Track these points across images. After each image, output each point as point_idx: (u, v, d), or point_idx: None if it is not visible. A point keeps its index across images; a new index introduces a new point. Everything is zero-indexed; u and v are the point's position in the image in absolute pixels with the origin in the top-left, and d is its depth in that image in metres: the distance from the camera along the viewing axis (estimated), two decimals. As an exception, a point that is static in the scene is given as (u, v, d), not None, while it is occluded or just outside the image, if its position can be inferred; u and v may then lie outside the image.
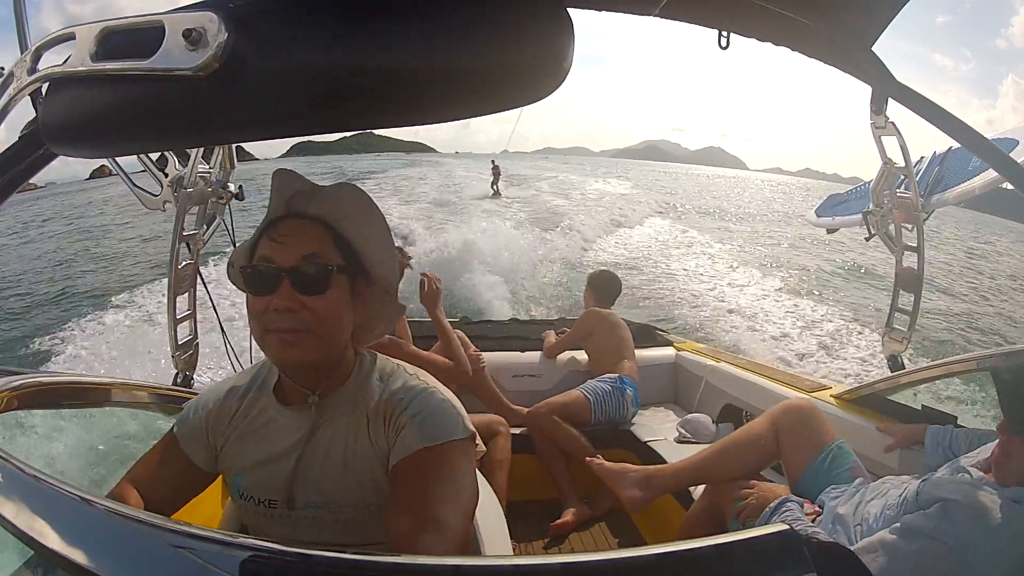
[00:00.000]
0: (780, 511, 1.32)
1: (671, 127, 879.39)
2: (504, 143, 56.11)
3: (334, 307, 0.76)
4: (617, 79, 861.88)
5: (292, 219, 0.79)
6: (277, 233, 0.77)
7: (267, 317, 0.74)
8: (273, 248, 0.76)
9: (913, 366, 1.93)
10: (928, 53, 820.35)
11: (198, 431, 0.86)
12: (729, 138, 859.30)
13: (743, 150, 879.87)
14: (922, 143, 1.92)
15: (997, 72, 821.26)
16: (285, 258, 0.75)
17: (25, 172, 0.73)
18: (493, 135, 46.46)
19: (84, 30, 0.48)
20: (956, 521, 0.98)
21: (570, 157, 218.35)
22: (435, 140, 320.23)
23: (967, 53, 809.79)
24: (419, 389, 0.82)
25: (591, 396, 2.42)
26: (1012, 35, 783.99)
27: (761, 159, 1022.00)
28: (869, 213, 1.94)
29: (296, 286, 0.74)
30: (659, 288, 9.51)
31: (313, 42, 0.44)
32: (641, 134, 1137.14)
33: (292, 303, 0.73)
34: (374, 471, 0.80)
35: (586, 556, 0.41)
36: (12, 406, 1.01)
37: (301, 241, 0.76)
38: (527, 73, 0.47)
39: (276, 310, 0.73)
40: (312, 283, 0.74)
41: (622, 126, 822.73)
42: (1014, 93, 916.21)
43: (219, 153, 1.73)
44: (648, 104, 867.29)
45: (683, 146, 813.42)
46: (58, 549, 0.40)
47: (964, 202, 1.73)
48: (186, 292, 1.78)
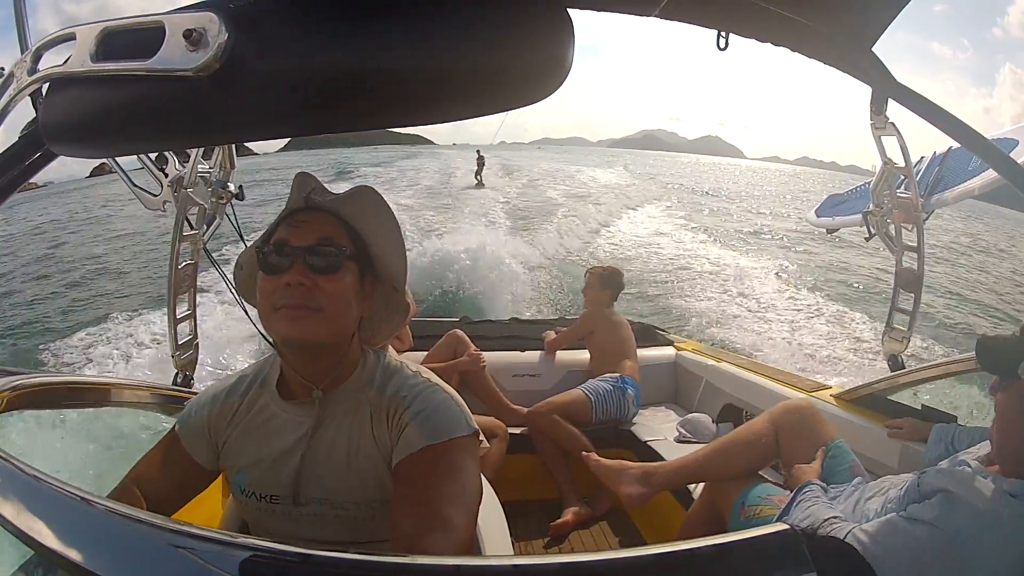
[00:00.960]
0: (803, 491, 1.31)
1: (668, 116, 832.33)
2: (502, 134, 55.77)
3: (343, 289, 0.79)
4: (615, 69, 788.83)
5: (310, 210, 0.83)
6: (294, 220, 0.81)
7: (278, 294, 0.76)
8: (289, 230, 0.80)
9: (913, 366, 1.93)
10: (926, 42, 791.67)
11: (200, 429, 0.86)
12: (727, 127, 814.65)
13: (740, 139, 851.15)
14: (922, 143, 1.93)
15: (995, 61, 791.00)
16: (300, 240, 0.78)
17: (25, 172, 0.73)
18: (491, 126, 47.46)
19: (84, 30, 0.48)
20: (957, 511, 0.98)
21: (568, 147, 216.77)
22: (433, 132, 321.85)
23: (964, 42, 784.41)
24: (422, 386, 0.82)
25: (592, 395, 2.42)
26: (1008, 24, 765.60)
27: (758, 148, 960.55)
28: (869, 213, 1.94)
29: (308, 265, 0.76)
30: (658, 282, 9.50)
31: (313, 42, 0.44)
32: (639, 124, 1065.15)
33: (304, 279, 0.75)
34: (377, 468, 0.80)
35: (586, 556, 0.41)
36: (12, 406, 1.01)
37: (316, 227, 0.80)
38: (527, 73, 0.47)
39: (288, 285, 0.75)
40: (324, 263, 0.77)
41: (620, 116, 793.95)
42: (1011, 82, 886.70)
43: (219, 153, 1.73)
44: (646, 94, 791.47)
45: (680, 135, 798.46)
46: (58, 549, 0.40)
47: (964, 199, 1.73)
48: (186, 292, 1.78)
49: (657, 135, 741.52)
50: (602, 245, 12.33)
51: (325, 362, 0.82)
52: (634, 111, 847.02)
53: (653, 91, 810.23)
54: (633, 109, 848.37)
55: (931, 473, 1.13)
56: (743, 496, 1.48)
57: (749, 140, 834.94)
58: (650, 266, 10.58)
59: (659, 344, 3.02)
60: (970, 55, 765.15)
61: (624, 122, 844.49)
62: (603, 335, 2.67)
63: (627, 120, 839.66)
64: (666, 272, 10.19)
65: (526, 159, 40.91)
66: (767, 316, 7.65)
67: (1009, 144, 1.59)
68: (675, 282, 9.49)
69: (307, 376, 0.82)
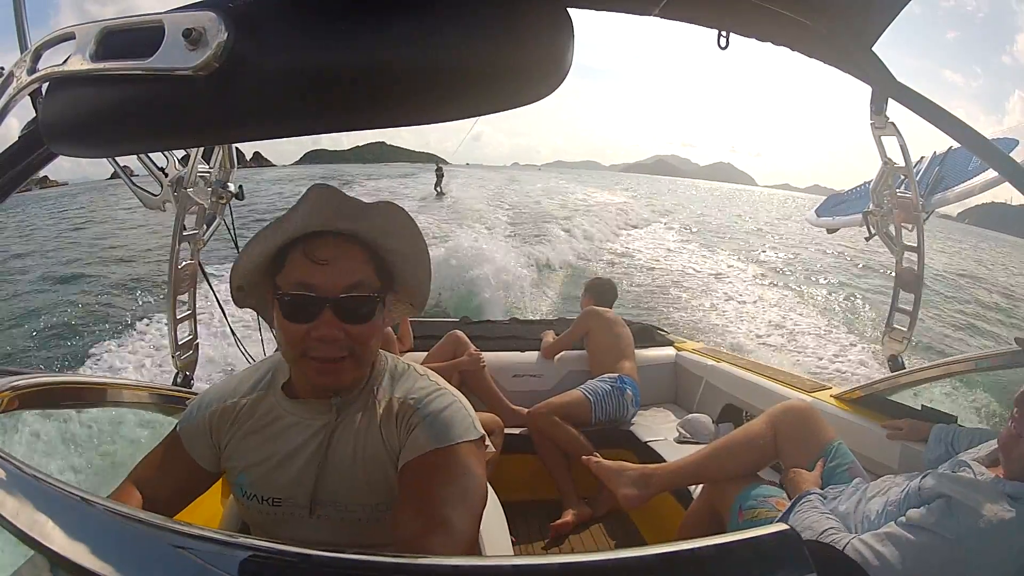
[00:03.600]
0: (801, 501, 1.31)
1: (682, 142, 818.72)
2: (516, 156, 55.08)
3: (375, 333, 0.77)
4: (628, 93, 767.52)
5: (332, 237, 0.74)
6: (317, 254, 0.73)
7: (306, 344, 0.73)
8: (313, 272, 0.73)
9: (913, 366, 1.93)
10: (939, 69, 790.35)
11: (201, 430, 0.86)
12: (739, 154, 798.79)
13: (752, 166, 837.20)
14: (922, 143, 1.93)
15: (1004, 88, 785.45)
16: (328, 286, 0.72)
17: (25, 172, 0.73)
18: (504, 148, 46.52)
19: (84, 30, 0.48)
20: (958, 516, 0.98)
21: (580, 171, 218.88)
22: (446, 152, 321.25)
23: (977, 69, 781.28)
24: (431, 390, 0.82)
25: (591, 396, 2.42)
26: (1017, 52, 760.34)
27: (770, 175, 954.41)
28: (869, 213, 1.94)
29: (340, 315, 0.73)
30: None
31: (312, 42, 0.44)
32: (651, 148, 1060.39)
33: (336, 332, 0.72)
34: (385, 471, 0.80)
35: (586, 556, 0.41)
36: (12, 406, 1.01)
37: (345, 268, 0.74)
38: (527, 72, 0.47)
39: (318, 339, 0.72)
40: (356, 314, 0.74)
41: (632, 140, 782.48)
42: (1020, 110, 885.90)
43: (219, 153, 1.73)
44: (659, 119, 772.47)
45: (693, 161, 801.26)
46: (58, 549, 0.40)
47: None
48: (186, 292, 1.78)
49: (669, 161, 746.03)
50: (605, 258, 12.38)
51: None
52: (647, 136, 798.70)
53: (666, 116, 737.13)
54: (646, 134, 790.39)
55: (931, 477, 1.13)
56: (740, 499, 1.48)
57: (761, 167, 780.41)
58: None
59: (659, 344, 3.02)
60: (982, 83, 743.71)
61: (637, 147, 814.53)
62: (600, 335, 2.67)
63: (640, 145, 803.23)
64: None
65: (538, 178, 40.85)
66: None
67: (1009, 144, 1.59)
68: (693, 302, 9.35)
69: (326, 396, 0.82)
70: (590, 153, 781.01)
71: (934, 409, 1.71)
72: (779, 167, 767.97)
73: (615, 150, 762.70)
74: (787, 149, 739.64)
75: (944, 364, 1.75)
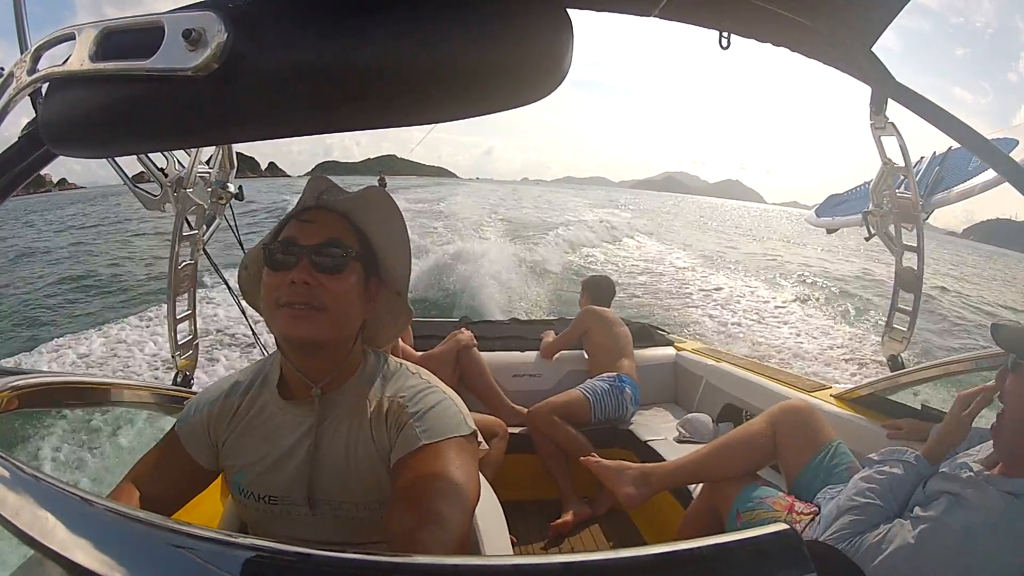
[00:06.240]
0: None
1: (692, 159, 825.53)
2: (527, 171, 54.51)
3: (347, 289, 0.79)
4: (640, 110, 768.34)
5: (319, 209, 0.84)
6: (303, 216, 0.82)
7: (282, 291, 0.77)
8: (297, 228, 0.81)
9: (913, 366, 1.93)
10: (949, 86, 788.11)
11: (199, 429, 0.86)
12: (748, 171, 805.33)
13: (761, 183, 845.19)
14: (922, 143, 1.93)
15: (1011, 104, 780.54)
16: (308, 239, 0.79)
17: (25, 172, 0.73)
18: (515, 163, 46.29)
19: (84, 30, 0.48)
20: (959, 514, 0.99)
21: (589, 187, 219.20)
22: (456, 166, 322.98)
23: (986, 86, 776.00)
24: (420, 388, 0.83)
25: (590, 395, 2.42)
26: (1022, 68, 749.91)
27: (779, 192, 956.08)
28: (869, 213, 1.94)
29: (314, 264, 0.77)
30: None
31: (312, 41, 0.44)
32: (661, 165, 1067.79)
33: (309, 277, 0.76)
34: (376, 468, 0.80)
35: (586, 556, 0.41)
36: (12, 406, 1.01)
37: (324, 227, 0.81)
38: (526, 73, 0.47)
39: (292, 282, 0.76)
40: (329, 263, 0.78)
41: (642, 157, 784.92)
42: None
43: (219, 153, 1.73)
44: (670, 136, 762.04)
45: (702, 178, 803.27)
46: (58, 549, 0.39)
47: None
48: (186, 292, 1.78)
49: (678, 177, 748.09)
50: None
51: (326, 361, 0.82)
52: (656, 152, 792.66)
53: (676, 133, 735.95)
54: (655, 150, 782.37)
55: (935, 477, 1.13)
56: (739, 501, 1.48)
57: (770, 185, 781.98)
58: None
59: (659, 344, 3.02)
60: (991, 99, 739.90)
61: (647, 163, 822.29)
62: (599, 334, 2.68)
63: (649, 161, 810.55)
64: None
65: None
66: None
67: (1009, 144, 1.59)
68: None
69: (307, 375, 0.82)
70: (599, 169, 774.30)
71: (934, 409, 1.71)
72: (788, 185, 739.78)
73: (625, 166, 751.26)
74: (796, 167, 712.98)
75: (944, 364, 1.75)
